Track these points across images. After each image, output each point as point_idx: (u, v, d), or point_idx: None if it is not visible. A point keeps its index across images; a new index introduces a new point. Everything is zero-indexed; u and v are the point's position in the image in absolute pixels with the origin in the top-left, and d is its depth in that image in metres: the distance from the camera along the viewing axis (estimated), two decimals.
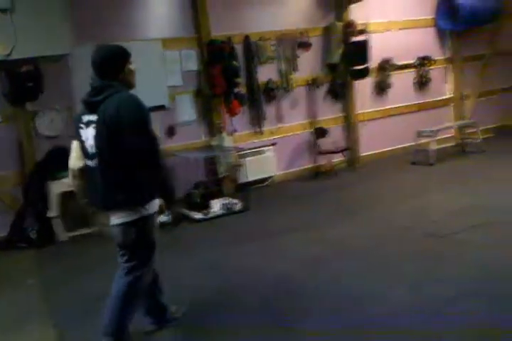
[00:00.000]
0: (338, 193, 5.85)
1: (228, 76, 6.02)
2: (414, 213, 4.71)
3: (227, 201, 5.50)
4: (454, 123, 7.87)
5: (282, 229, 4.70)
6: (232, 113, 6.19)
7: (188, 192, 5.57)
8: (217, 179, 6.07)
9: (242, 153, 6.07)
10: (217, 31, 6.06)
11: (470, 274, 3.25)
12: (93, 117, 2.47)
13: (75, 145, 2.64)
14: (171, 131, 5.89)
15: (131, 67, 2.59)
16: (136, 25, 5.72)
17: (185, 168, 5.63)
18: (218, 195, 5.75)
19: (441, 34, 7.75)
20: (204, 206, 5.34)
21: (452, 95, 7.99)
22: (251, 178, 6.23)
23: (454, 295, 2.99)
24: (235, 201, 5.52)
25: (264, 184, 6.47)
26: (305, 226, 4.67)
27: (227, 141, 6.06)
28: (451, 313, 2.79)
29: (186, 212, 5.34)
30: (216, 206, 5.40)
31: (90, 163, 2.53)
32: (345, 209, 5.15)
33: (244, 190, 5.82)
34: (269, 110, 6.56)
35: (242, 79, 6.22)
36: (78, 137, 2.58)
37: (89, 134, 2.49)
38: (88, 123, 2.50)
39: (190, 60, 6.09)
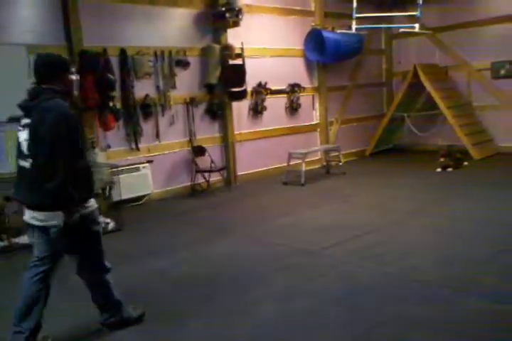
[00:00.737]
0: (214, 211, 5.86)
1: (102, 89, 5.74)
2: (285, 230, 4.89)
3: None
4: (320, 147, 8.48)
5: (157, 249, 4.53)
6: (106, 128, 5.88)
7: None
8: None
9: (116, 169, 5.76)
10: (91, 42, 5.77)
11: (336, 286, 3.44)
12: (27, 120, 2.62)
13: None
14: None
15: (71, 77, 2.76)
16: None
17: None
18: None
19: (310, 64, 8.39)
20: None
21: (319, 121, 8.63)
22: (125, 196, 5.92)
23: (319, 306, 3.14)
24: (108, 220, 5.17)
25: (140, 202, 6.21)
26: (180, 246, 4.56)
27: (100, 157, 5.71)
28: (319, 325, 2.92)
29: None
30: None
31: (24, 163, 2.66)
32: (220, 227, 5.15)
33: (117, 208, 5.50)
34: (146, 126, 6.38)
35: (117, 93, 5.99)
36: (17, 139, 2.70)
37: (24, 136, 2.64)
38: (24, 126, 2.64)
39: None
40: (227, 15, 6.83)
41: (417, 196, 5.96)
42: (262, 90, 7.57)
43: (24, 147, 2.64)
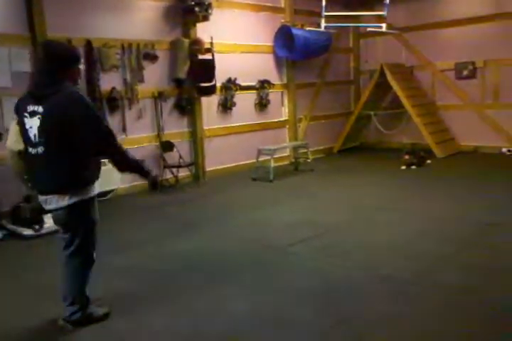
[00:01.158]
0: (182, 207, 5.80)
1: None
2: (254, 226, 4.90)
3: None
4: (289, 143, 8.52)
5: (123, 244, 4.44)
6: None
7: (15, 206, 4.90)
8: None
9: None
10: (55, 32, 5.58)
11: (303, 282, 3.46)
12: (39, 108, 2.63)
13: (13, 128, 2.78)
14: None
15: (80, 66, 2.83)
16: None
17: (13, 178, 4.97)
18: None
19: (279, 61, 8.40)
20: (35, 221, 4.75)
21: (288, 118, 8.67)
22: None
23: (285, 303, 3.15)
24: None
25: (106, 197, 6.07)
26: (147, 242, 4.50)
27: None
28: (286, 321, 2.93)
29: (13, 228, 4.69)
30: (50, 221, 4.83)
31: (32, 150, 2.70)
32: (188, 223, 5.11)
33: None
34: (113, 120, 6.23)
35: (82, 86, 5.83)
36: (21, 125, 2.72)
37: (33, 124, 2.65)
38: (33, 114, 2.65)
39: (23, 60, 5.48)
40: (197, 9, 6.75)
41: (383, 193, 6.07)
42: (231, 86, 7.53)
43: (33, 134, 2.66)
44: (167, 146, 6.69)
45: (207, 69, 7.01)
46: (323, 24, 7.82)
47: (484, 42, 8.37)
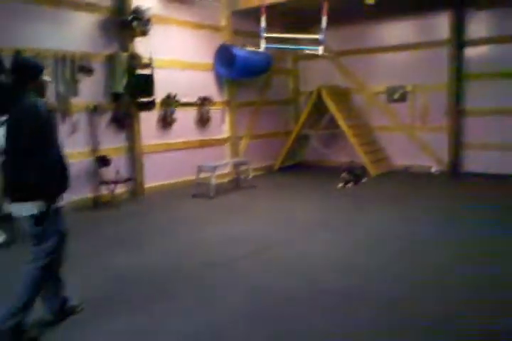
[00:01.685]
0: (119, 225, 5.56)
1: None
2: (195, 243, 4.78)
3: None
4: (229, 160, 8.50)
5: None
6: None
7: None
8: None
9: None
10: None
11: (246, 299, 3.40)
12: (5, 118, 2.74)
13: None
14: None
15: (45, 78, 2.93)
16: None
17: None
18: None
19: (220, 79, 8.44)
20: None
21: (229, 135, 8.67)
22: None
23: (227, 320, 3.07)
24: None
25: None
26: (81, 261, 4.20)
27: None
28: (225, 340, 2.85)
29: None
30: None
31: (2, 158, 2.81)
32: (126, 241, 4.90)
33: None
34: None
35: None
36: None
37: (1, 133, 2.76)
38: (1, 123, 2.76)
39: None
40: (134, 24, 6.67)
41: (322, 210, 6.15)
42: (171, 102, 7.44)
43: (1, 143, 2.77)
44: (103, 162, 6.43)
45: (146, 84, 6.89)
46: (262, 45, 7.97)
47: (412, 68, 8.90)
